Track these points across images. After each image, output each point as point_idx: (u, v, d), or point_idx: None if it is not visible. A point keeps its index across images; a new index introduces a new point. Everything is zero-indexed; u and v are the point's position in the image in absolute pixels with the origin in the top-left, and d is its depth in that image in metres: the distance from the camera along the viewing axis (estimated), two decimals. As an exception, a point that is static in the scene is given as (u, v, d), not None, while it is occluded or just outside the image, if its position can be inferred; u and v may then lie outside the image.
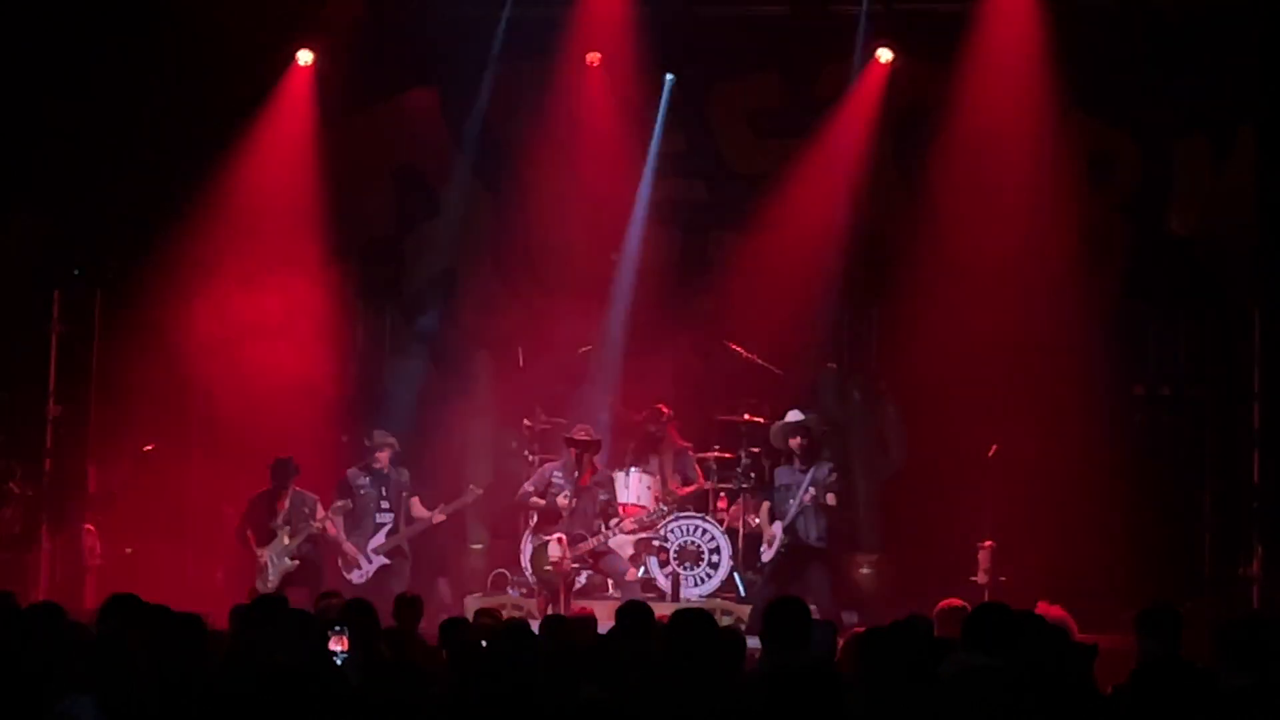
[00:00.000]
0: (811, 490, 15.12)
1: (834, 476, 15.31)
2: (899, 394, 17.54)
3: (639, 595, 14.81)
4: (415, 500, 16.21)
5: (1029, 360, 16.42)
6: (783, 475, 15.56)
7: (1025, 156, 16.94)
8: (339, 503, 15.65)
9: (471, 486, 16.12)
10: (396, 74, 17.80)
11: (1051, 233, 16.66)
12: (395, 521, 16.08)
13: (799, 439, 15.47)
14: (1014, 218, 16.98)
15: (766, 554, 15.41)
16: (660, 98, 17.56)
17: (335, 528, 15.78)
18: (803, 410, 15.80)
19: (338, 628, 8.19)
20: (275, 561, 15.45)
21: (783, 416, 15.85)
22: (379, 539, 15.96)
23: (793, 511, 15.21)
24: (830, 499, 15.19)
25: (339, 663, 8.03)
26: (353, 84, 17.51)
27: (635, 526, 15.41)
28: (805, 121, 17.47)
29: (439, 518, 16.03)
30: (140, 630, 7.85)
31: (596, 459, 15.43)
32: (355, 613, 8.90)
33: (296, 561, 15.45)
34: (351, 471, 16.23)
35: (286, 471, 15.68)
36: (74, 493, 16.64)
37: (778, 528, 15.28)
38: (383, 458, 16.10)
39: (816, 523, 15.25)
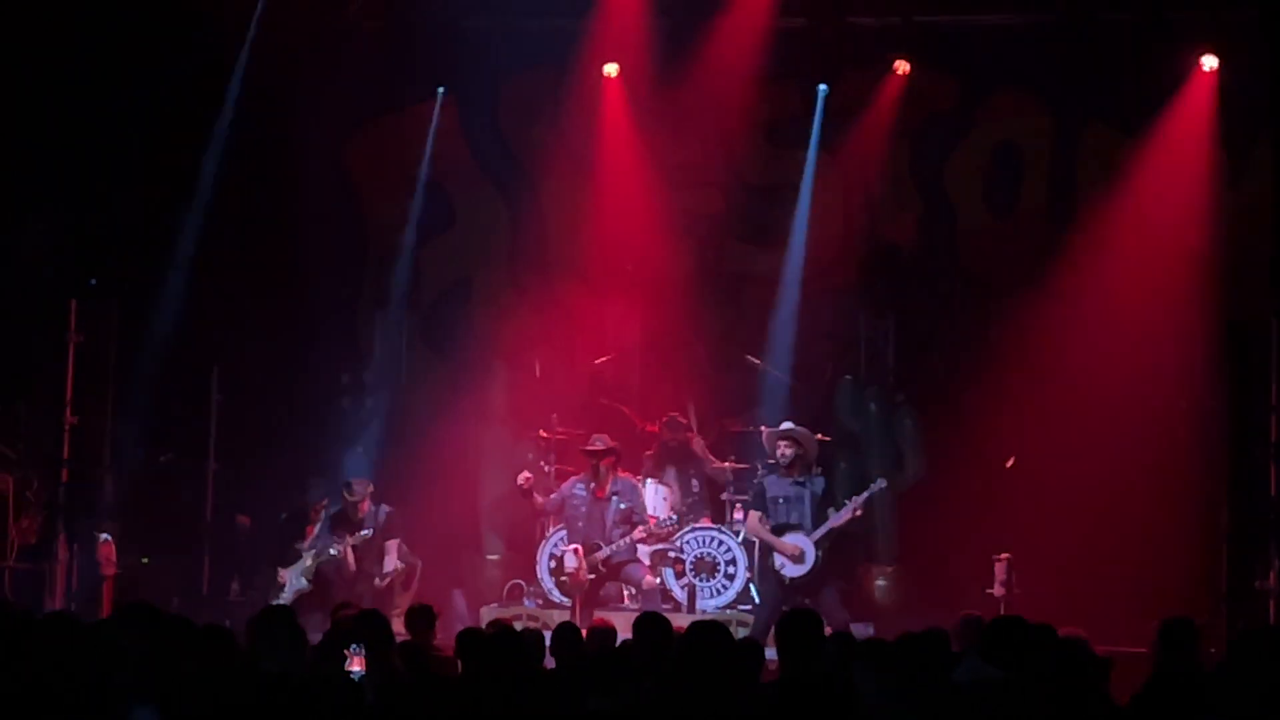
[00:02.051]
0: (849, 513, 14.68)
1: (858, 502, 14.62)
2: (916, 406, 17.51)
3: (657, 604, 14.77)
4: (393, 546, 15.72)
5: (1045, 373, 16.38)
6: (774, 486, 14.71)
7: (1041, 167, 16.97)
8: (363, 532, 15.53)
9: (401, 553, 15.80)
10: (412, 83, 17.81)
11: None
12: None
13: (785, 447, 14.66)
14: (1030, 228, 16.98)
15: (792, 570, 14.46)
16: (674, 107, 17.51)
17: (352, 557, 15.58)
18: (815, 424, 15.44)
19: (354, 646, 8.14)
20: (293, 581, 15.46)
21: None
22: None
23: (821, 531, 14.75)
24: (859, 512, 14.79)
25: (355, 680, 7.99)
26: (369, 93, 17.54)
27: (645, 535, 15.34)
28: (822, 133, 17.46)
29: (382, 583, 15.58)
30: (170, 641, 7.82)
31: (618, 467, 15.37)
32: (369, 626, 8.84)
33: (310, 584, 15.46)
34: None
35: (319, 494, 15.72)
36: (91, 502, 16.65)
37: (801, 540, 14.49)
38: (363, 508, 15.68)
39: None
